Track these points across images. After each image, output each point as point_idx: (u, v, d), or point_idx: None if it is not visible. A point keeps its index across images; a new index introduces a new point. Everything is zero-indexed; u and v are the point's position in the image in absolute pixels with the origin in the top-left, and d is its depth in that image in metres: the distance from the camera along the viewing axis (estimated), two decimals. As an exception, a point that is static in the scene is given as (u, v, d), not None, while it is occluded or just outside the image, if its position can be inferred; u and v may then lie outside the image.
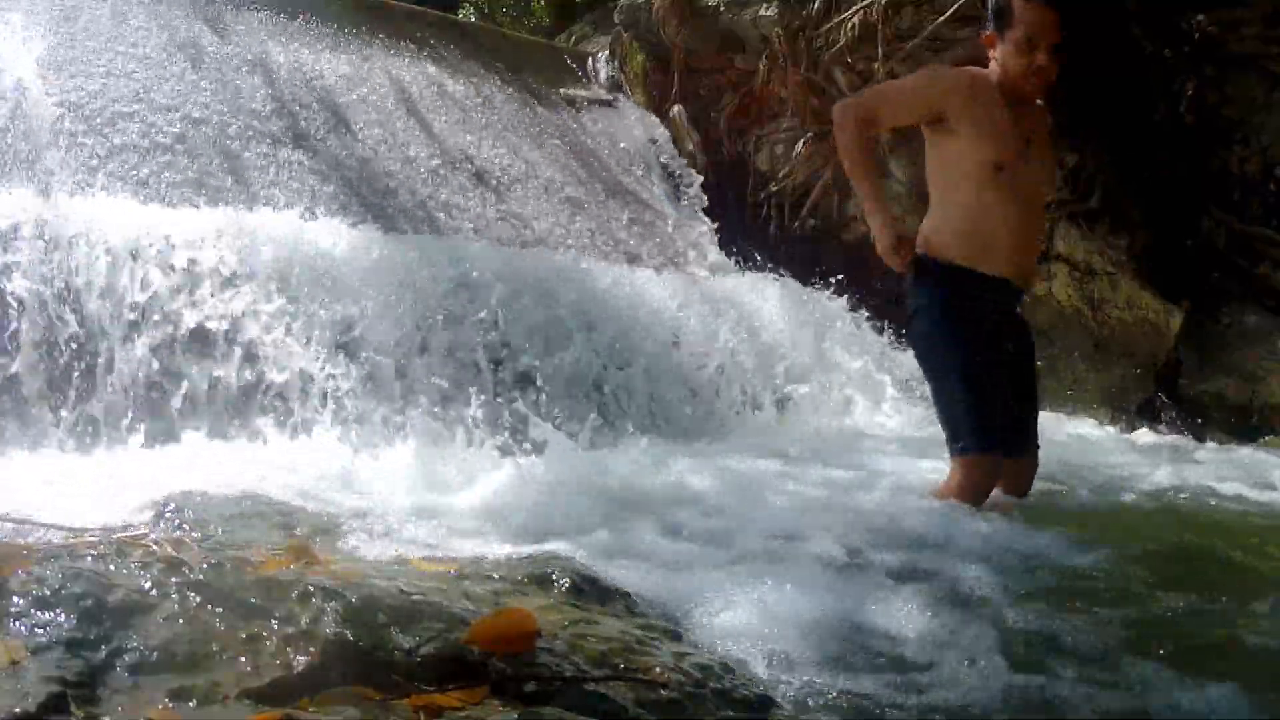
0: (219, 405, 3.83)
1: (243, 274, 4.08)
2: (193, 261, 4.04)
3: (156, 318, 3.87)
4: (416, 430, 3.84)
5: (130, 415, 3.68)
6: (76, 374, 3.66)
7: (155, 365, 3.78)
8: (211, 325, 3.93)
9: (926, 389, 5.81)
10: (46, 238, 3.81)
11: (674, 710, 1.44)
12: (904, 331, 3.42)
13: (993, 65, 3.13)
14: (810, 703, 1.68)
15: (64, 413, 3.58)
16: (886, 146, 6.93)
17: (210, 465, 3.15)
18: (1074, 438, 5.25)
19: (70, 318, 3.71)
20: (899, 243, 3.22)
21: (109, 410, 3.66)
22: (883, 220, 3.22)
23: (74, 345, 3.68)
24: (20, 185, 4.19)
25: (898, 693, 1.76)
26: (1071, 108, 5.78)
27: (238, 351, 3.93)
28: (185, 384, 3.80)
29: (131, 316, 3.82)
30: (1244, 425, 5.74)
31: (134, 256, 3.92)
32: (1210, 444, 5.47)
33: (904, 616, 2.13)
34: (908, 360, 6.12)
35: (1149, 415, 5.84)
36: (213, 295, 4.00)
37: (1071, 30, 3.10)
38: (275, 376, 3.94)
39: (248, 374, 3.91)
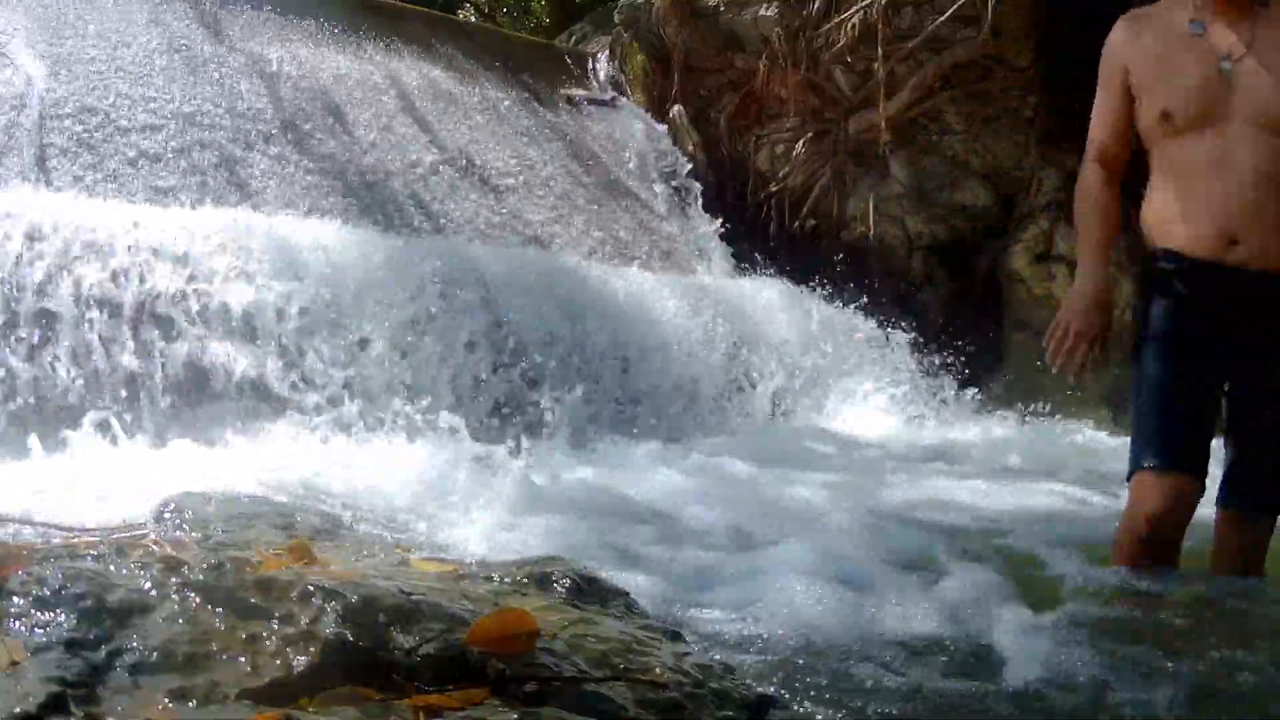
0: (219, 405, 3.83)
1: (241, 274, 4.08)
2: (191, 261, 4.04)
3: (156, 317, 3.87)
4: (417, 431, 3.84)
5: (131, 416, 3.68)
6: (77, 373, 3.66)
7: (156, 365, 3.78)
8: (212, 326, 3.93)
9: (927, 390, 5.77)
10: (45, 237, 3.81)
11: (674, 710, 1.44)
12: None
13: None
14: (810, 703, 1.68)
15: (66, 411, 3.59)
16: (887, 147, 6.94)
17: (209, 466, 3.15)
18: (1075, 439, 5.25)
19: (68, 316, 3.71)
20: (1094, 309, 2.41)
21: (108, 409, 3.66)
22: (1089, 276, 2.46)
23: (73, 345, 3.68)
24: (19, 184, 4.20)
25: (897, 693, 1.76)
26: (1068, 108, 5.78)
27: (239, 352, 3.93)
28: (185, 384, 3.80)
29: (132, 316, 3.82)
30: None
31: (133, 256, 3.92)
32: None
33: (904, 617, 2.13)
34: (906, 361, 6.13)
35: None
36: (212, 296, 3.99)
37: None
38: (276, 377, 3.94)
39: (249, 375, 3.91)
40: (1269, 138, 2.28)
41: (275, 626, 1.46)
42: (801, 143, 7.18)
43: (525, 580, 1.85)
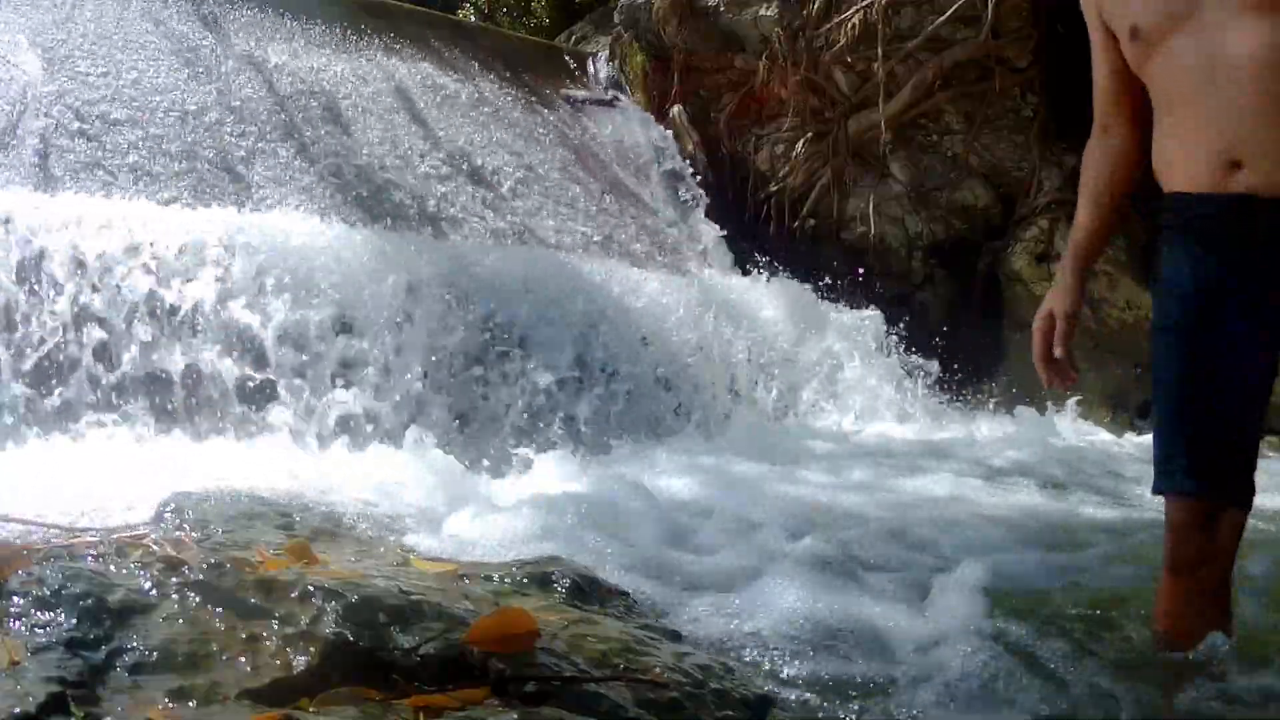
0: (219, 405, 3.83)
1: (241, 274, 4.08)
2: (188, 260, 4.03)
3: (155, 316, 3.86)
4: (416, 432, 3.84)
5: (130, 416, 3.68)
6: (75, 372, 3.66)
7: (155, 365, 3.78)
8: (211, 325, 3.93)
9: (926, 390, 5.75)
10: (45, 236, 3.81)
11: (674, 710, 1.44)
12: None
13: None
14: (810, 703, 1.68)
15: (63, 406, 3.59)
16: (887, 147, 6.94)
17: (210, 465, 3.15)
18: (1074, 440, 5.25)
19: (65, 314, 3.71)
20: (1042, 325, 2.01)
21: (108, 409, 3.66)
22: (1053, 286, 2.04)
23: (71, 341, 3.68)
24: (17, 183, 4.20)
25: (896, 693, 1.76)
26: (1068, 108, 5.79)
27: (239, 352, 3.93)
28: (185, 384, 3.80)
29: (130, 314, 3.82)
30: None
31: (132, 254, 3.92)
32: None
33: (903, 618, 2.13)
34: (905, 361, 6.13)
35: (1149, 416, 5.82)
36: (211, 294, 3.99)
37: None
38: (277, 377, 3.94)
39: (250, 374, 3.91)
40: (1257, 21, 1.71)
41: (275, 626, 1.46)
42: (801, 143, 7.18)
43: (525, 580, 1.85)
